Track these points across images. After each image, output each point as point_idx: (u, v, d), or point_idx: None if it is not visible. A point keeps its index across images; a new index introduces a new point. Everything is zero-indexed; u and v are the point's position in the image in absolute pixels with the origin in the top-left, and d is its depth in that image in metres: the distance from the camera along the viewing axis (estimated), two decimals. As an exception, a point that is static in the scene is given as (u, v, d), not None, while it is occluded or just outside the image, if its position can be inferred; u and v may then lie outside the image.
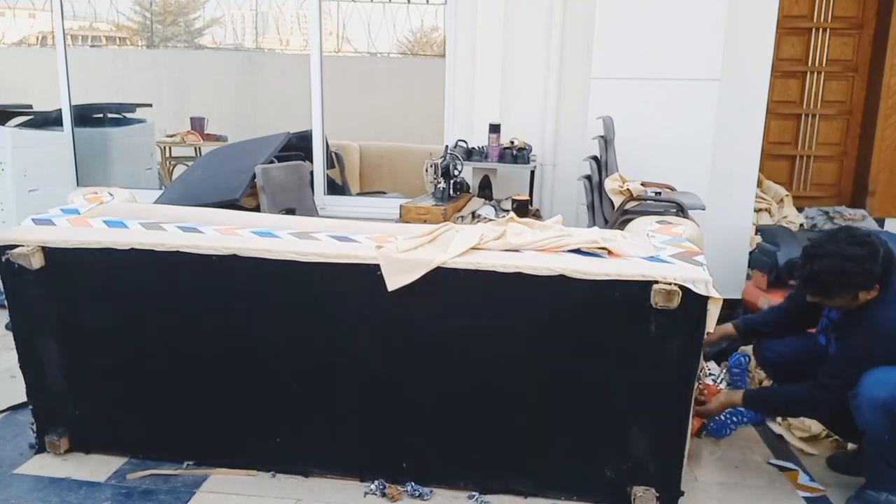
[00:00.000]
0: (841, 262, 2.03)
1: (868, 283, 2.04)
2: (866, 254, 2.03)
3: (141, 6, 7.66)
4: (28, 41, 7.49)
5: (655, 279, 1.93)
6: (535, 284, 1.98)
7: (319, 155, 4.55)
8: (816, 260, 2.08)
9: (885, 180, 4.51)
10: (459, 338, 2.10)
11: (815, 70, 4.59)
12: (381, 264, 2.03)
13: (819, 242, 2.13)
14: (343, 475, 2.28)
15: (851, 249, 2.04)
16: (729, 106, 3.63)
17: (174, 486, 2.22)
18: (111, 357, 2.28)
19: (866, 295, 2.07)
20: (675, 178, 3.36)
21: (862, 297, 2.07)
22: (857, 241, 2.07)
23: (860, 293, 2.07)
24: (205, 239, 2.17)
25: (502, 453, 2.19)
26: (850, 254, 2.03)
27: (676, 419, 2.05)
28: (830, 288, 2.09)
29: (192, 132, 6.41)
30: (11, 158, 4.29)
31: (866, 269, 2.02)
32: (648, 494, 2.11)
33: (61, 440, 2.36)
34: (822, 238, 2.16)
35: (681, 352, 1.98)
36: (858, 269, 2.02)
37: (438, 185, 3.58)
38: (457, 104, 4.16)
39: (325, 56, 4.41)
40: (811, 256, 2.10)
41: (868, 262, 2.02)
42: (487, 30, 3.91)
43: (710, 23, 3.50)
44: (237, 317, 2.19)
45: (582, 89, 3.75)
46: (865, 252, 2.03)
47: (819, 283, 2.10)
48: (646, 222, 2.46)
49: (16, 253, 2.15)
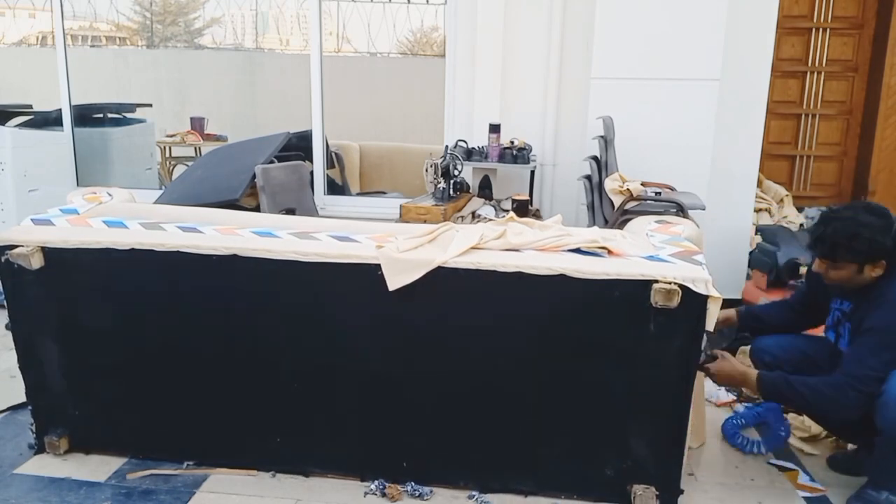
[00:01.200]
0: (854, 226, 2.06)
1: (875, 254, 2.06)
2: (881, 225, 2.06)
3: (141, 6, 7.66)
4: (28, 41, 7.49)
5: (655, 278, 1.93)
6: (536, 284, 1.98)
7: (319, 155, 4.55)
8: (831, 222, 2.12)
9: (885, 180, 4.52)
10: (459, 338, 2.10)
11: (815, 70, 4.59)
12: (381, 264, 2.03)
13: (837, 208, 2.18)
14: (343, 475, 2.28)
15: (866, 217, 2.08)
16: (729, 106, 3.63)
17: (174, 486, 2.22)
18: (111, 357, 2.28)
19: (871, 270, 2.09)
20: (675, 178, 3.37)
21: (867, 271, 2.09)
22: (875, 211, 2.11)
23: (866, 266, 2.08)
24: (205, 239, 2.17)
25: (502, 453, 2.19)
26: (864, 220, 2.07)
27: (676, 418, 2.05)
28: (837, 250, 2.10)
29: (192, 132, 6.42)
30: (11, 158, 4.29)
31: (877, 239, 2.04)
32: (648, 493, 2.11)
33: (61, 440, 2.36)
34: (841, 205, 2.22)
35: (681, 351, 1.98)
36: (869, 236, 2.04)
37: (438, 185, 3.58)
38: (457, 104, 4.17)
39: (325, 56, 4.41)
40: (826, 219, 2.15)
41: (881, 232, 2.05)
42: (487, 30, 3.92)
43: (710, 23, 3.50)
44: (237, 317, 2.19)
45: (582, 89, 3.76)
46: (881, 223, 2.06)
47: (828, 244, 2.12)
48: (645, 222, 2.46)
49: (15, 253, 2.15)
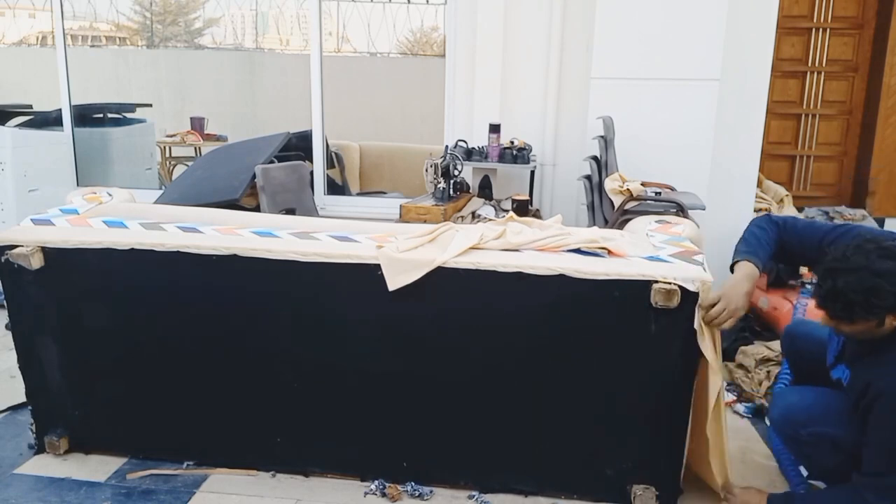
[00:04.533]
0: (870, 277, 1.69)
1: None
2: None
3: (141, 6, 7.66)
4: (28, 41, 7.49)
5: (655, 278, 1.93)
6: (535, 284, 1.98)
7: (319, 155, 4.55)
8: (840, 275, 1.73)
9: (885, 180, 4.52)
10: (459, 337, 2.10)
11: (815, 70, 4.59)
12: (381, 264, 2.03)
13: (843, 255, 1.76)
14: (343, 475, 2.28)
15: (883, 263, 1.70)
16: (729, 106, 3.63)
17: (174, 486, 2.22)
18: (111, 357, 2.28)
19: (893, 320, 1.74)
20: (675, 178, 3.36)
21: (888, 322, 1.74)
22: (890, 253, 1.72)
23: (888, 317, 1.74)
24: (205, 239, 2.17)
25: (502, 453, 2.19)
26: (881, 268, 1.69)
27: (676, 418, 2.05)
28: (855, 309, 1.73)
29: (192, 132, 6.42)
30: (11, 158, 4.30)
31: None
32: (648, 493, 2.11)
33: (61, 440, 2.36)
34: (845, 249, 1.78)
35: (681, 351, 1.98)
36: (890, 289, 1.68)
37: (438, 185, 3.58)
38: (457, 104, 4.16)
39: (325, 56, 4.41)
40: (833, 270, 1.76)
41: None
42: (487, 30, 3.91)
43: (710, 23, 3.50)
44: (237, 317, 2.19)
45: (582, 89, 3.75)
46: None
47: (842, 304, 1.75)
48: (645, 222, 2.46)
49: (15, 253, 2.15)
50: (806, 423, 1.96)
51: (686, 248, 2.17)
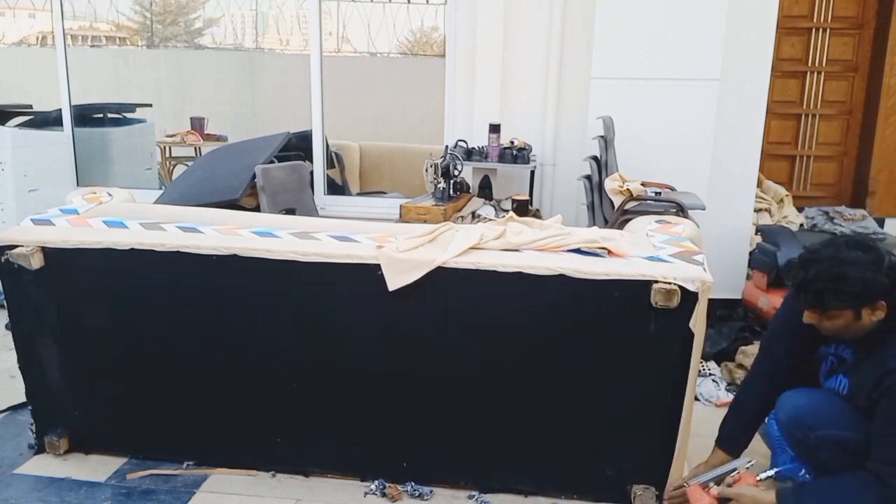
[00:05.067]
0: (838, 265, 1.77)
1: (870, 294, 1.76)
2: (869, 259, 1.77)
3: (141, 6, 7.66)
4: (28, 41, 7.49)
5: (655, 279, 1.93)
6: (535, 284, 1.98)
7: (319, 155, 4.55)
8: (811, 265, 1.82)
9: (885, 180, 4.52)
10: (459, 337, 2.10)
11: (815, 70, 4.59)
12: (381, 264, 2.03)
13: (815, 248, 1.87)
14: (343, 475, 2.28)
15: (850, 253, 1.79)
16: (729, 106, 3.63)
17: (174, 486, 2.22)
18: (111, 357, 2.28)
19: (871, 314, 1.79)
20: (675, 178, 3.36)
21: (866, 316, 1.80)
22: (859, 245, 1.82)
23: (863, 310, 1.79)
24: (205, 239, 2.17)
25: (502, 452, 2.19)
26: (848, 257, 1.78)
27: (676, 418, 2.05)
28: (825, 297, 1.80)
29: (192, 132, 6.42)
30: (11, 158, 4.30)
31: (867, 277, 1.75)
32: (648, 493, 2.11)
33: (61, 440, 2.36)
34: (819, 243, 1.90)
35: (681, 351, 1.98)
36: (857, 275, 1.75)
37: (438, 185, 3.58)
38: (457, 104, 4.16)
39: (325, 56, 4.41)
40: (805, 262, 1.85)
41: (870, 269, 1.75)
42: (487, 30, 3.91)
43: (710, 23, 3.50)
44: (237, 317, 2.19)
45: (582, 89, 3.75)
46: (868, 258, 1.77)
47: (811, 292, 1.82)
48: (645, 222, 2.46)
49: (15, 253, 2.15)
50: (815, 427, 1.96)
51: (686, 248, 2.17)
